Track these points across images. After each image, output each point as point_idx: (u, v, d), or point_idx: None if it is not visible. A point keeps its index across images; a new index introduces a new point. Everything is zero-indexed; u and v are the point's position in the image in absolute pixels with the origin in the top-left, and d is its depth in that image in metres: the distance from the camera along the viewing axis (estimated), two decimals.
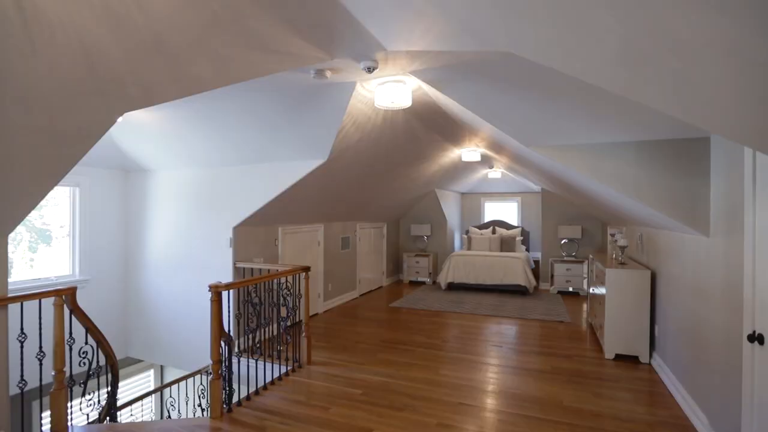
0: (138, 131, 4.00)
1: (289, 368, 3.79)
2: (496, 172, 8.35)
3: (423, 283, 8.46)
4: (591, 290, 5.29)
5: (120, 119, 3.40)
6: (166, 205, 4.83)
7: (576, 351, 4.34)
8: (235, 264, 4.37)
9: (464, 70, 2.40)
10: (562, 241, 7.68)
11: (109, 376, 3.23)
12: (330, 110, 3.21)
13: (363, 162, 4.56)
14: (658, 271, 3.86)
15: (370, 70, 2.48)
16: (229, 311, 3.10)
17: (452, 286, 7.70)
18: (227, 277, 4.38)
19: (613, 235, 4.86)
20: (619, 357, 4.09)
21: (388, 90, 2.81)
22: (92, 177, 4.71)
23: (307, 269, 3.92)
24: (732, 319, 2.37)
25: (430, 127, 4.29)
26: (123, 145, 4.38)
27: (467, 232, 9.50)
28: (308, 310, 3.96)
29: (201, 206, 4.59)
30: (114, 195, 4.98)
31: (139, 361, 5.17)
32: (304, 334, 3.94)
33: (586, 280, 7.18)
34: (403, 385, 3.48)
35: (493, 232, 9.17)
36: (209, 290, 2.88)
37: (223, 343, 3.11)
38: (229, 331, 3.11)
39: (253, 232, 4.64)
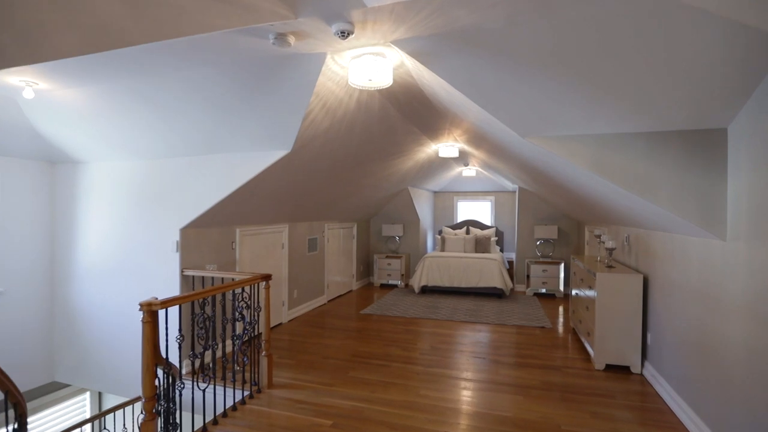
0: (60, 114, 3.32)
1: (246, 394, 3.24)
2: (470, 170, 8.07)
3: (395, 286, 8.04)
4: (574, 293, 5.04)
5: (29, 95, 2.75)
6: (100, 202, 4.13)
7: (563, 361, 4.03)
8: (182, 272, 3.75)
9: (457, 40, 1.98)
10: (538, 242, 7.47)
11: (12, 413, 2.57)
12: (294, 90, 2.70)
13: (333, 154, 4.05)
14: (651, 275, 3.60)
15: (344, 35, 2.00)
16: (166, 333, 2.52)
17: (426, 290, 7.33)
18: (173, 286, 3.75)
19: (598, 236, 4.61)
20: (609, 367, 3.82)
21: (366, 64, 2.34)
22: (5, 169, 3.95)
23: (267, 277, 3.38)
24: (757, 335, 2.07)
25: (408, 116, 3.84)
26: (44, 130, 3.66)
27: (440, 232, 9.17)
28: (269, 325, 3.43)
29: (142, 204, 3.94)
30: (36, 190, 4.22)
31: (67, 385, 4.43)
32: (264, 353, 3.40)
33: (562, 281, 7.00)
34: (379, 411, 3.02)
35: (467, 232, 8.88)
36: (140, 309, 2.30)
37: (161, 373, 2.54)
38: (167, 356, 2.53)
39: (205, 235, 4.03)
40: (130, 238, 3.98)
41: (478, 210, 9.87)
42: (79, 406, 4.68)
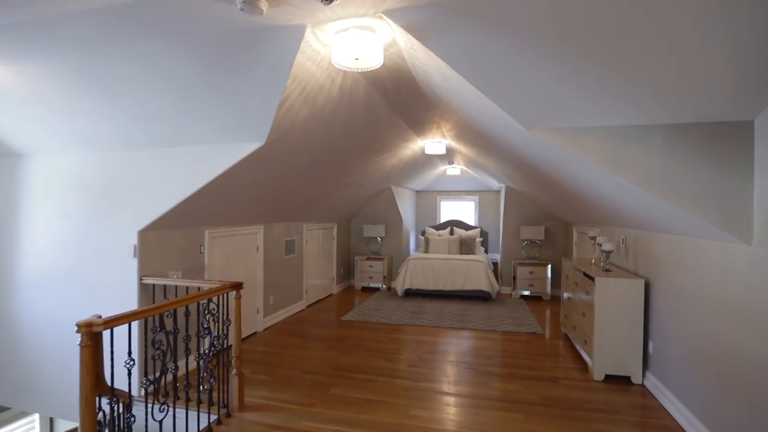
0: None
1: (213, 419, 2.85)
2: (455, 169, 7.81)
3: (377, 289, 7.71)
4: (566, 296, 4.83)
5: None
6: (46, 201, 3.64)
7: (560, 371, 3.79)
8: (141, 280, 3.31)
9: (459, 11, 1.66)
10: (524, 243, 7.28)
11: None
12: (268, 71, 2.32)
13: (312, 148, 3.68)
14: (653, 280, 3.40)
15: None
16: (111, 356, 2.11)
17: (409, 293, 7.02)
18: (130, 297, 3.31)
19: (593, 238, 4.39)
20: (608, 377, 3.59)
21: (352, 40, 1.99)
22: None
23: (238, 286, 2.99)
24: None
25: (395, 107, 3.52)
26: None
27: (423, 233, 8.89)
28: (240, 340, 3.04)
29: (94, 203, 3.47)
30: None
31: (7, 408, 3.90)
32: (234, 371, 3.02)
33: (549, 283, 6.81)
34: None
35: (451, 232, 8.63)
36: (77, 331, 1.89)
37: (107, 405, 2.13)
38: (112, 383, 2.12)
39: (169, 238, 3.60)
40: (80, 242, 3.51)
41: (461, 210, 9.65)
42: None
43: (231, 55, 2.22)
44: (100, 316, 2.00)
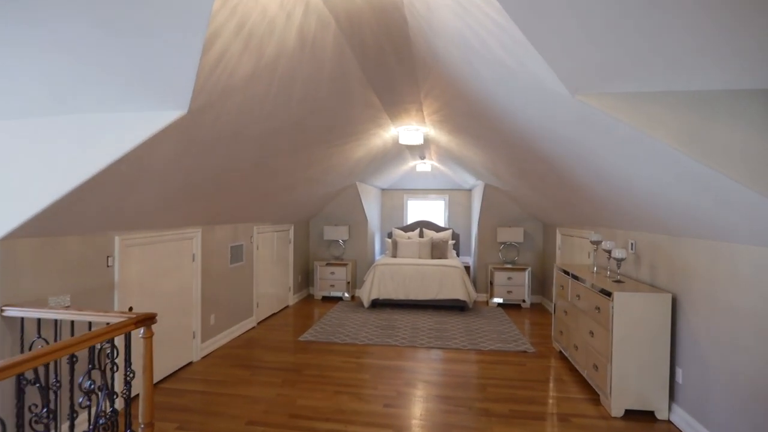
0: None
1: None
2: (425, 165, 7.14)
3: (339, 298, 6.85)
4: (561, 309, 4.22)
5: None
6: None
7: (568, 405, 3.13)
8: (1, 312, 2.27)
9: None
10: (501, 246, 6.69)
11: None
12: None
13: (260, 123, 2.77)
14: (682, 295, 2.82)
15: None
16: None
17: (377, 303, 6.22)
18: None
19: (596, 243, 3.79)
20: (627, 413, 2.98)
21: None
22: None
23: (147, 320, 2.05)
24: None
25: (372, 75, 2.70)
26: None
27: (390, 235, 8.13)
28: (151, 397, 2.09)
29: None
30: None
31: None
32: None
33: (528, 290, 6.26)
34: None
35: (421, 234, 7.93)
36: None
37: None
38: None
39: (54, 247, 2.56)
40: None
41: (429, 210, 8.98)
42: None
43: None
44: None
